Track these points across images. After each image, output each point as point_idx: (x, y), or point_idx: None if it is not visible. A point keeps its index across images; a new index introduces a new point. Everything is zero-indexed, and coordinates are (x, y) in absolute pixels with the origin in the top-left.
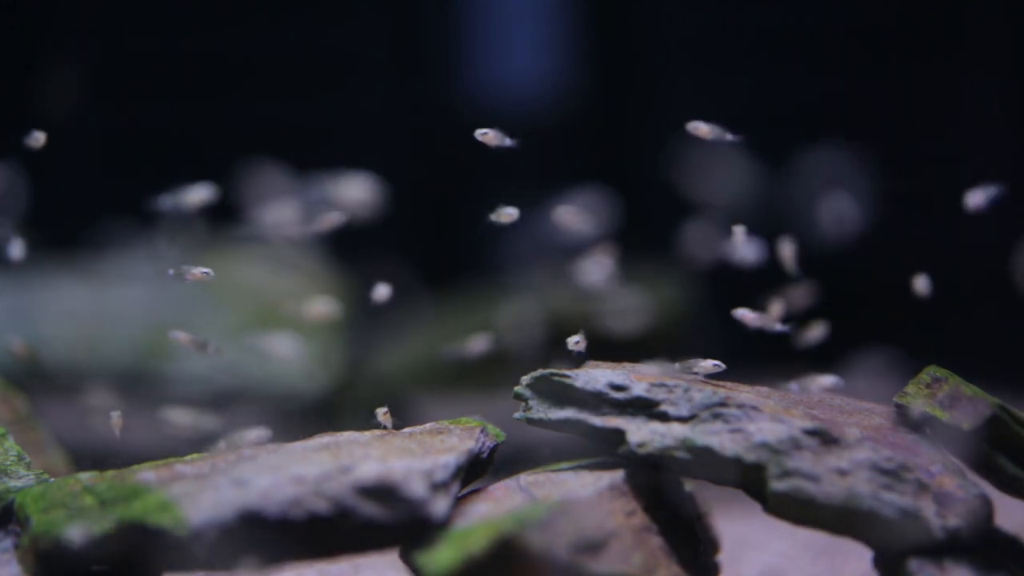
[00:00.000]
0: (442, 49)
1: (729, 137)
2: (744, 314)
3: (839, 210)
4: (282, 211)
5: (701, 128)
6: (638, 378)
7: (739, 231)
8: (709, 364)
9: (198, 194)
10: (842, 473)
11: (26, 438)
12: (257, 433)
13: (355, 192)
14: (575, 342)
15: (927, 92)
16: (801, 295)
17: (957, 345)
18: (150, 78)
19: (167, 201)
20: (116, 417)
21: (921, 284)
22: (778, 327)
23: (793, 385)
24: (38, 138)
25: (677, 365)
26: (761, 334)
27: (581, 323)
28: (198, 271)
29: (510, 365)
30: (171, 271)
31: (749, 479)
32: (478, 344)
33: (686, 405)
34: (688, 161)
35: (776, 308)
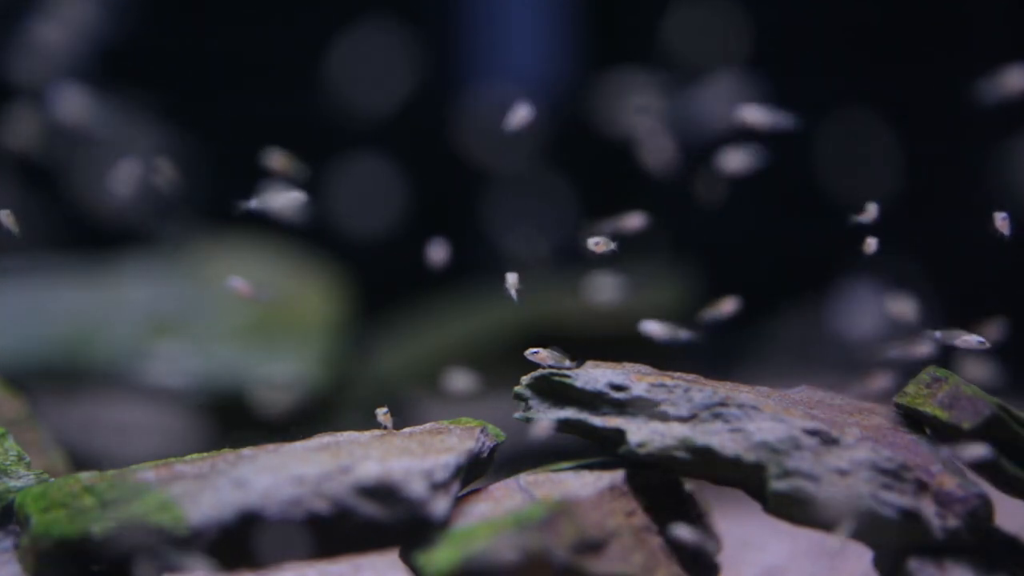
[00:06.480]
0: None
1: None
2: (237, 283)
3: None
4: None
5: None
6: (638, 378)
7: None
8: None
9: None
10: (842, 473)
11: (26, 438)
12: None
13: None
14: None
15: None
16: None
17: None
18: None
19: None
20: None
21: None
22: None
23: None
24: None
25: None
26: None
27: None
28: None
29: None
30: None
31: (749, 479)
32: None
33: (686, 405)
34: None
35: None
